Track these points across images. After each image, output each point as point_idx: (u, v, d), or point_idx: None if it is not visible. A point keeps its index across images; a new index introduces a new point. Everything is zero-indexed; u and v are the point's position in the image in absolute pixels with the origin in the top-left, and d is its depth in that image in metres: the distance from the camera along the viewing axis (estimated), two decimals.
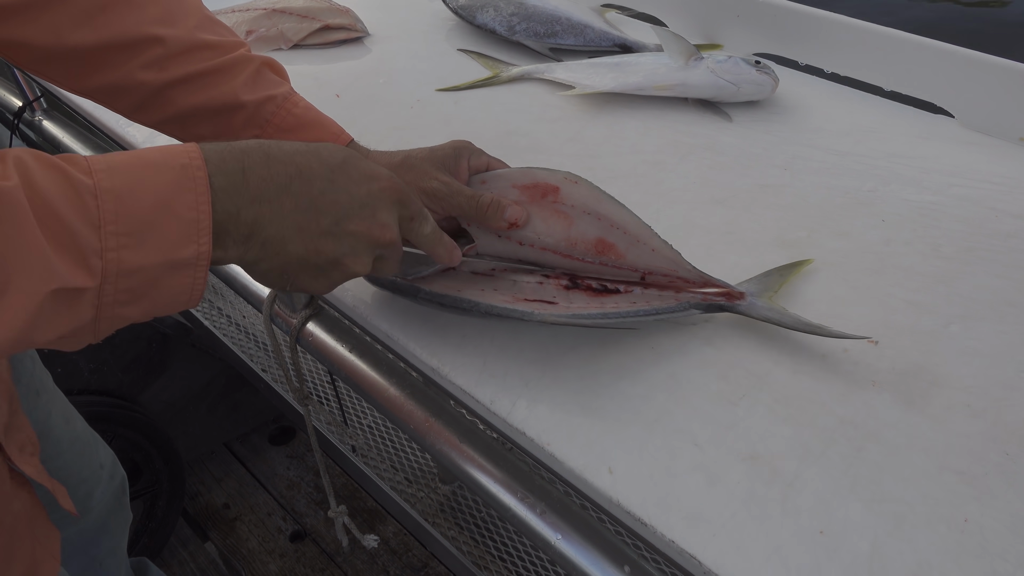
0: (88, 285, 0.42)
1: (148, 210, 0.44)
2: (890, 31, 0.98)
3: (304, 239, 0.52)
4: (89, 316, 0.43)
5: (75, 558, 1.08)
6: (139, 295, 0.45)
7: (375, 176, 0.56)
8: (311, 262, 0.53)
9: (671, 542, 0.54)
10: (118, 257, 0.43)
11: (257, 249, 0.51)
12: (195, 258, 0.46)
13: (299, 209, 0.52)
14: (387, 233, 0.56)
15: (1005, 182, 0.84)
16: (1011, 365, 0.65)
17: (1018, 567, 0.52)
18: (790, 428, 0.61)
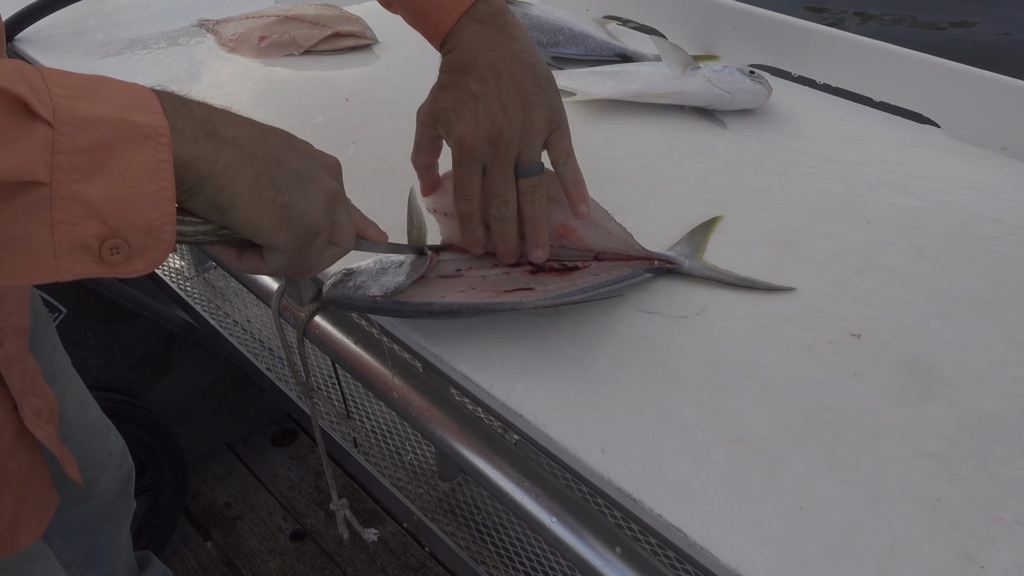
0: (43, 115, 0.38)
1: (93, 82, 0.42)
2: (881, 44, 1.02)
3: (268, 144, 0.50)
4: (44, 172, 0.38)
5: (77, 541, 1.10)
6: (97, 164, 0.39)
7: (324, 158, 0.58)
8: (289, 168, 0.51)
9: (659, 516, 0.57)
10: (69, 105, 0.39)
11: (229, 148, 0.46)
12: (152, 128, 0.41)
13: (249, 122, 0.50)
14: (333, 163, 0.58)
15: (987, 188, 0.88)
16: (986, 358, 0.68)
17: (985, 543, 0.55)
18: (774, 414, 0.64)
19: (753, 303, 0.74)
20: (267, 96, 1.11)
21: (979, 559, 0.54)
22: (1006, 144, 0.94)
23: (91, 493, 1.07)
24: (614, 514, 0.76)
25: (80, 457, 1.01)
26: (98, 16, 1.36)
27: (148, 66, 1.19)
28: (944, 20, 4.33)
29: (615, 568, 0.69)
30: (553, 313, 0.73)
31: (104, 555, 1.16)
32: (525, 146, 0.68)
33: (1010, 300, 0.74)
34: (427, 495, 1.33)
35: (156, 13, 1.38)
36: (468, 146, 0.66)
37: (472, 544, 1.25)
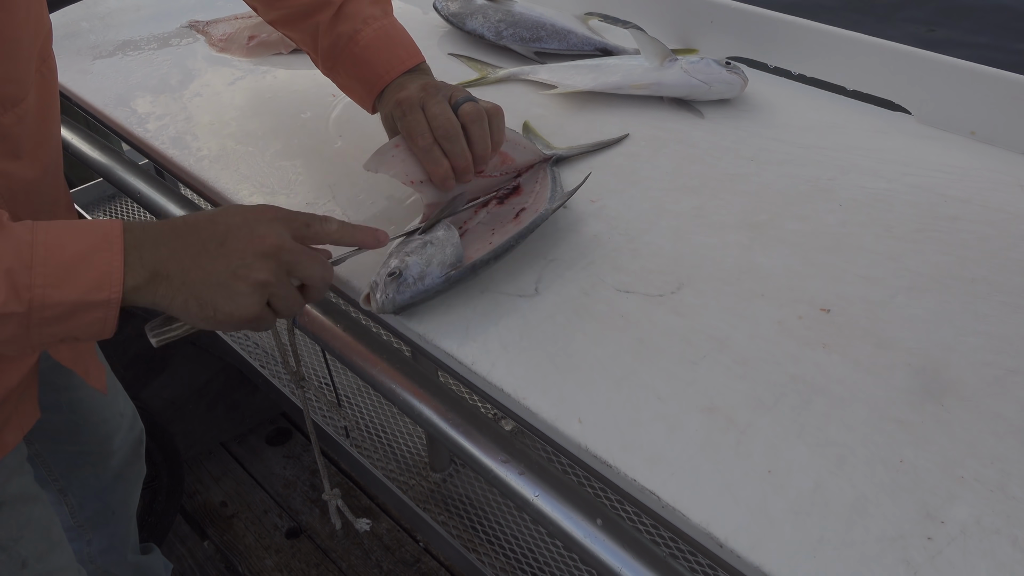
0: (17, 311, 0.56)
1: (71, 260, 0.57)
2: (853, 35, 1.05)
3: (199, 265, 0.62)
4: (22, 331, 0.57)
5: (90, 501, 1.14)
6: (59, 321, 0.58)
7: (251, 208, 0.67)
8: (212, 281, 0.62)
9: (633, 480, 0.60)
10: (44, 293, 0.56)
11: (165, 285, 0.61)
12: (106, 301, 0.58)
13: (189, 245, 0.63)
14: (267, 240, 0.64)
15: (954, 171, 0.91)
16: (950, 330, 0.71)
17: (945, 500, 0.57)
18: (745, 384, 0.66)
19: (727, 281, 0.77)
20: (257, 94, 1.14)
21: (939, 515, 0.56)
22: (974, 129, 0.97)
23: (108, 451, 1.11)
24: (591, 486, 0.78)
25: (93, 410, 1.05)
26: (90, 19, 1.39)
27: (139, 67, 1.22)
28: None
29: (596, 539, 0.70)
30: (533, 293, 0.76)
31: (115, 516, 1.19)
32: (453, 91, 0.80)
33: (974, 275, 0.76)
34: (419, 486, 1.35)
35: (147, 15, 1.40)
36: (404, 98, 0.79)
37: (464, 532, 1.27)
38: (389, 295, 0.71)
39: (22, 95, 0.72)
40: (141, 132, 1.06)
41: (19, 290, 0.55)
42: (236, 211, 0.66)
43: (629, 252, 0.80)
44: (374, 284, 0.72)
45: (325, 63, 0.90)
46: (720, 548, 0.56)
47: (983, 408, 0.64)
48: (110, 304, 0.59)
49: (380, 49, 0.86)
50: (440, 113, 0.77)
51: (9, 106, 0.71)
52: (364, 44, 0.85)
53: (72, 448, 1.08)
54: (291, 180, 0.95)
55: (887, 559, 0.54)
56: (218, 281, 0.62)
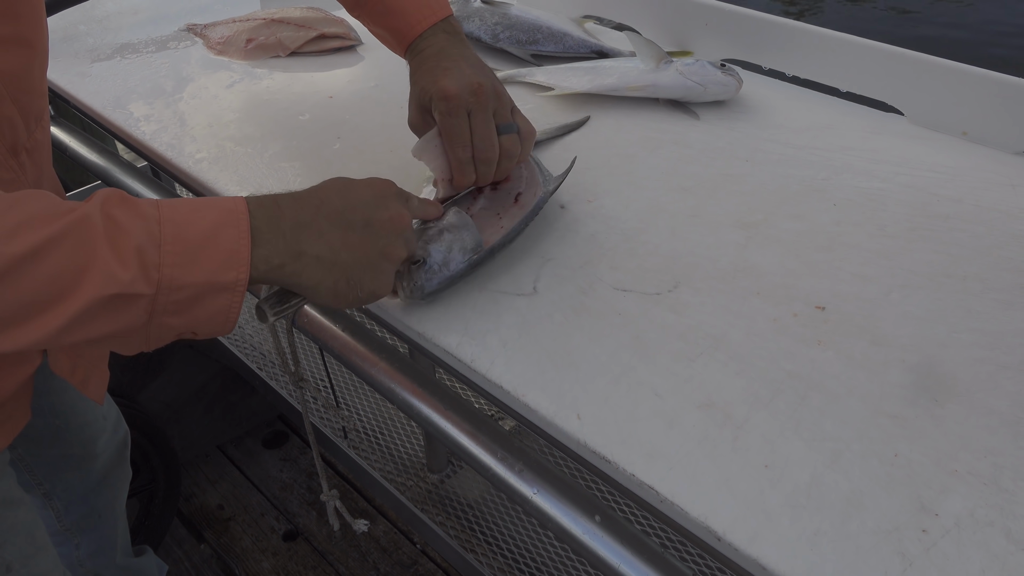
0: (146, 292, 0.52)
1: (198, 239, 0.54)
2: (846, 36, 1.06)
3: (351, 247, 0.62)
4: (143, 319, 0.53)
5: (76, 505, 1.14)
6: (184, 307, 0.54)
7: (373, 182, 0.67)
8: (366, 262, 0.63)
9: (632, 475, 0.60)
10: (172, 273, 0.52)
11: (313, 266, 0.60)
12: (233, 283, 0.55)
13: (335, 225, 0.62)
14: (404, 218, 0.67)
15: (947, 171, 0.92)
16: (944, 327, 0.72)
17: (939, 493, 0.58)
18: (742, 380, 0.67)
19: (723, 280, 0.77)
20: (255, 96, 1.14)
21: (933, 508, 0.57)
22: (966, 129, 0.98)
23: (92, 453, 1.11)
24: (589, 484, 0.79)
25: (76, 412, 1.05)
26: (88, 22, 1.39)
27: (137, 70, 1.22)
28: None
29: (595, 535, 0.71)
30: (531, 292, 0.76)
31: (102, 519, 1.19)
32: (499, 106, 0.79)
33: (966, 273, 0.77)
34: (416, 487, 1.35)
35: (145, 19, 1.41)
36: (453, 95, 0.76)
37: (461, 533, 1.28)
38: (418, 283, 0.73)
39: (45, 108, 0.74)
40: (139, 134, 1.06)
41: (148, 269, 0.52)
42: (362, 186, 0.66)
43: (626, 251, 0.81)
44: (399, 274, 0.73)
45: (353, 8, 0.89)
46: (718, 541, 0.56)
47: (976, 403, 0.64)
48: (237, 287, 0.55)
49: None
50: (485, 135, 0.78)
51: (39, 120, 0.73)
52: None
53: (55, 452, 1.08)
54: (290, 182, 0.95)
55: (883, 551, 0.54)
56: (370, 261, 0.63)
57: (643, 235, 0.83)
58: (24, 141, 0.70)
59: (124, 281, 0.51)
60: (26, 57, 0.67)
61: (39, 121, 0.73)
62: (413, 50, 0.84)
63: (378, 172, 0.95)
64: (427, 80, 0.79)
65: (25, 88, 0.68)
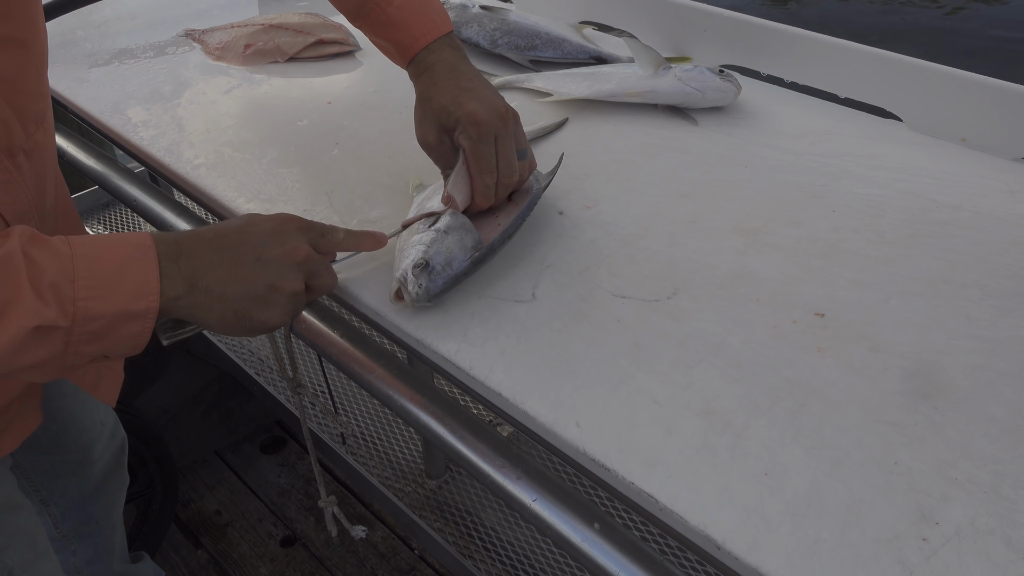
0: (63, 324, 0.55)
1: (110, 273, 0.58)
2: (845, 43, 1.06)
3: (237, 277, 0.64)
4: (60, 349, 0.56)
5: (73, 512, 1.13)
6: (98, 337, 0.58)
7: (274, 218, 0.69)
8: (252, 294, 0.64)
9: (631, 484, 0.60)
10: (86, 306, 0.56)
11: (203, 296, 0.62)
12: (144, 311, 0.59)
13: (225, 257, 0.64)
14: (300, 251, 0.68)
15: (945, 177, 0.92)
16: (943, 333, 0.71)
17: (939, 501, 0.58)
18: (741, 388, 0.67)
19: (722, 286, 0.77)
20: (253, 102, 1.14)
21: (934, 516, 0.57)
22: (964, 136, 0.98)
23: (89, 460, 1.10)
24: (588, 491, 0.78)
25: (74, 419, 1.05)
26: (86, 27, 1.39)
27: (135, 75, 1.22)
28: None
29: (594, 543, 0.71)
30: (530, 299, 0.76)
31: (99, 525, 1.18)
32: (517, 130, 0.81)
33: (965, 280, 0.77)
34: (415, 493, 1.35)
35: (143, 24, 1.41)
36: (483, 121, 0.78)
37: (460, 539, 1.28)
38: (422, 285, 0.73)
39: (47, 109, 0.74)
40: (137, 140, 1.06)
41: (63, 303, 0.55)
42: (263, 221, 0.68)
43: (625, 258, 0.81)
44: (402, 279, 0.73)
45: (354, 19, 0.89)
46: (718, 550, 0.56)
47: (976, 410, 0.64)
48: (148, 315, 0.59)
49: (414, 11, 0.84)
50: (511, 163, 0.80)
51: (39, 122, 0.72)
52: (399, 4, 0.84)
53: (52, 458, 1.07)
54: (288, 187, 0.95)
55: (883, 560, 0.54)
56: (257, 293, 0.65)
57: (642, 241, 0.83)
58: (22, 143, 0.70)
59: (45, 315, 0.54)
60: (21, 58, 0.67)
61: (40, 123, 0.73)
62: (418, 63, 0.85)
63: (376, 176, 0.95)
64: (448, 100, 0.79)
65: (20, 89, 0.68)
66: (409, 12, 0.84)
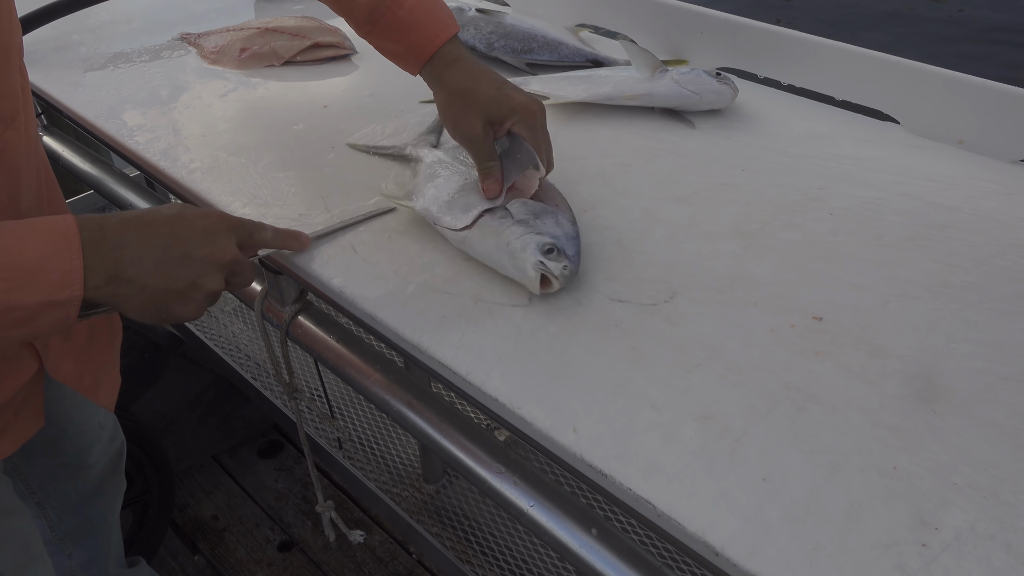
0: None
1: (32, 264, 0.58)
2: (842, 45, 1.06)
3: (161, 271, 0.64)
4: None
5: (69, 515, 1.13)
6: (22, 323, 0.59)
7: (207, 215, 0.69)
8: (173, 289, 0.65)
9: (628, 490, 0.60)
10: (7, 297, 0.57)
11: (125, 286, 0.63)
12: (68, 300, 0.59)
13: (152, 249, 0.64)
14: (227, 253, 0.69)
15: (943, 180, 0.91)
16: (941, 337, 0.71)
17: (939, 506, 0.57)
18: (739, 392, 0.66)
19: (719, 290, 0.77)
20: (249, 106, 1.14)
21: (933, 521, 0.56)
22: (962, 138, 0.98)
23: (86, 463, 1.10)
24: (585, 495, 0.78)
25: (72, 422, 1.04)
26: (81, 31, 1.38)
27: (131, 79, 1.21)
28: None
29: (591, 549, 0.70)
30: (527, 303, 0.76)
31: (95, 529, 1.18)
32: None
33: (964, 283, 0.77)
34: (412, 497, 1.34)
35: (139, 28, 1.40)
36: (537, 111, 0.83)
37: (458, 544, 1.27)
38: (566, 266, 0.74)
39: (17, 109, 0.72)
40: (132, 144, 1.05)
41: None
42: (196, 217, 0.68)
43: (622, 261, 0.81)
44: (539, 267, 0.74)
45: (362, 27, 0.89)
46: (716, 557, 0.56)
47: (975, 414, 0.64)
48: (71, 303, 0.60)
49: (426, 12, 0.85)
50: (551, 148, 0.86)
51: (9, 121, 0.71)
52: (409, 7, 0.84)
53: (49, 461, 1.07)
54: (284, 191, 0.95)
55: (883, 566, 0.54)
56: (178, 289, 0.66)
57: (639, 245, 0.83)
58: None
59: None
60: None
61: (10, 123, 0.71)
62: (438, 62, 0.85)
63: (373, 181, 0.95)
64: (494, 92, 0.83)
65: None
66: (421, 13, 0.85)
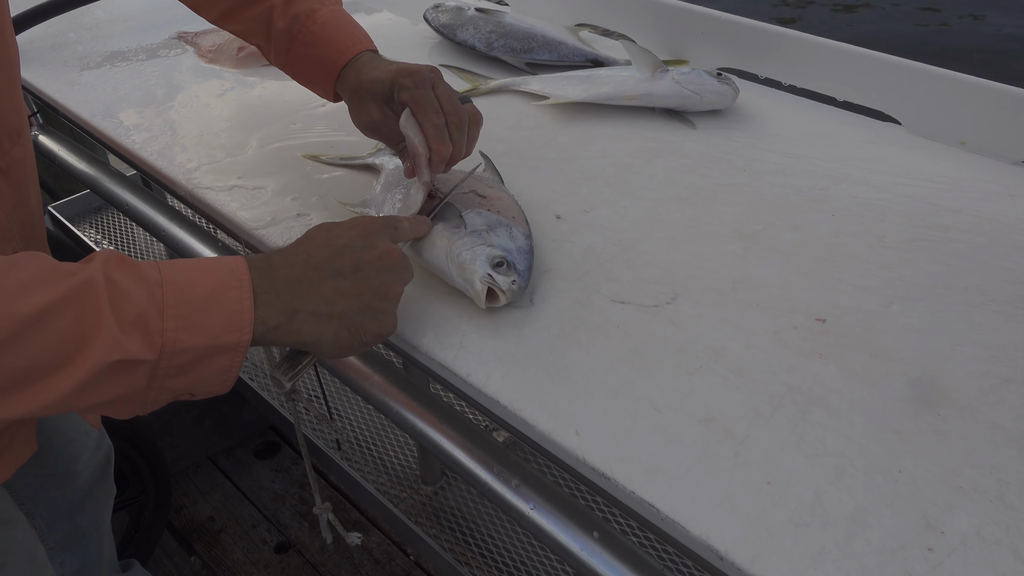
0: (149, 358, 0.51)
1: (201, 302, 0.54)
2: (843, 46, 1.06)
3: (343, 292, 0.61)
4: (143, 384, 0.52)
5: (59, 523, 1.11)
6: (186, 370, 0.53)
7: (356, 223, 0.66)
8: (361, 305, 0.62)
9: (631, 493, 0.59)
10: (175, 337, 0.52)
11: (309, 320, 0.59)
12: (236, 344, 0.55)
13: (325, 276, 0.61)
14: (393, 252, 0.66)
15: (945, 181, 0.91)
16: (945, 339, 0.71)
17: (944, 510, 0.57)
18: (742, 395, 0.66)
19: (722, 291, 0.76)
20: (246, 105, 1.13)
21: (939, 525, 0.56)
22: (964, 139, 0.98)
23: (74, 472, 1.09)
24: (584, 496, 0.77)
25: (59, 431, 1.03)
26: (77, 30, 1.37)
27: (127, 78, 1.21)
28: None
29: (593, 552, 0.70)
30: (528, 305, 0.75)
31: (86, 537, 1.17)
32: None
33: (967, 284, 0.76)
34: (410, 499, 1.33)
35: (135, 26, 1.39)
36: (414, 71, 0.77)
37: (456, 546, 1.26)
38: (515, 280, 0.73)
39: (23, 124, 0.72)
40: (129, 143, 1.05)
41: (151, 335, 0.51)
42: (345, 229, 0.65)
43: (623, 262, 0.80)
44: (486, 280, 0.72)
45: (279, 48, 0.87)
46: (720, 561, 0.55)
47: (980, 417, 0.63)
48: (239, 348, 0.55)
49: (339, 27, 0.84)
50: (453, 100, 0.77)
51: (16, 137, 0.70)
52: (322, 22, 0.84)
53: (38, 471, 1.05)
54: (281, 190, 0.94)
55: (888, 571, 0.53)
56: (366, 304, 0.62)
57: (640, 246, 0.82)
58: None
59: (128, 348, 0.50)
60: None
61: (16, 139, 0.71)
62: (350, 73, 0.83)
63: (370, 180, 0.94)
64: (379, 72, 0.79)
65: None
66: (333, 28, 0.84)
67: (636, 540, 0.88)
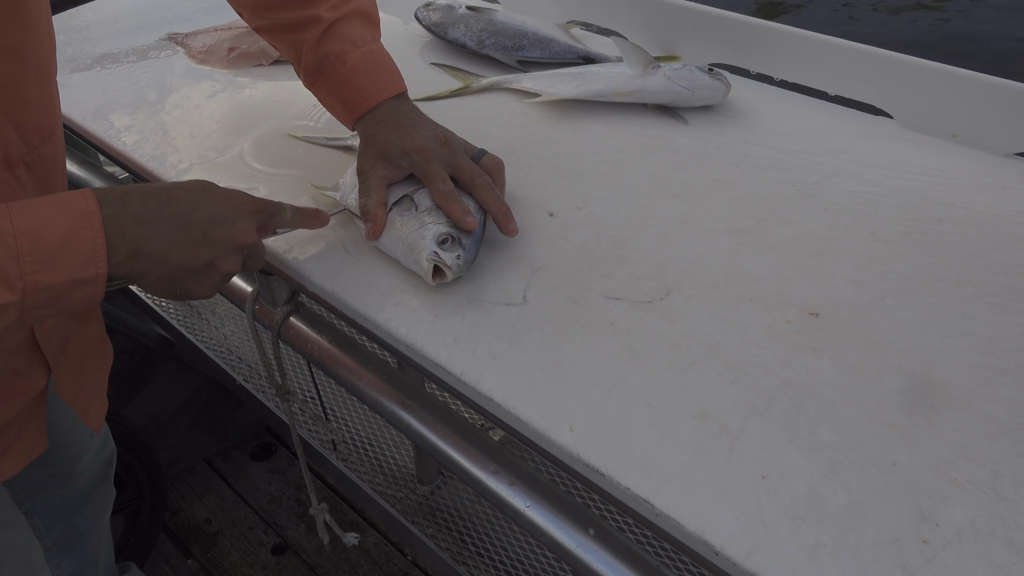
0: (13, 300, 0.57)
1: (55, 245, 0.58)
2: (833, 40, 1.05)
3: (182, 249, 0.65)
4: (15, 319, 0.59)
5: (57, 524, 1.11)
6: (52, 302, 0.60)
7: (231, 196, 0.70)
8: (191, 267, 0.66)
9: (626, 489, 0.59)
10: (34, 279, 0.58)
11: (144, 262, 0.64)
12: (94, 276, 0.61)
13: (174, 226, 0.65)
14: (247, 237, 0.70)
15: (937, 174, 0.91)
16: (939, 332, 0.71)
17: (939, 502, 0.57)
18: (737, 389, 0.66)
19: (715, 287, 0.76)
20: (237, 106, 1.13)
21: (934, 518, 0.56)
22: (956, 132, 0.98)
23: (73, 473, 1.08)
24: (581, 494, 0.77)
25: (62, 432, 1.03)
26: (67, 32, 1.37)
27: (118, 80, 1.20)
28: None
29: (589, 549, 0.70)
30: (521, 302, 0.75)
31: (84, 538, 1.16)
32: (466, 146, 0.84)
33: (960, 277, 0.76)
34: (407, 499, 1.33)
35: (125, 28, 1.39)
36: (426, 148, 0.81)
37: (453, 545, 1.26)
38: (460, 256, 0.75)
39: (55, 123, 0.72)
40: (120, 145, 1.04)
41: (11, 280, 0.57)
42: (220, 199, 0.69)
43: (616, 259, 0.80)
44: (432, 258, 0.74)
45: (308, 78, 0.90)
46: (716, 556, 0.55)
47: (974, 409, 0.64)
48: (98, 279, 0.61)
49: (366, 73, 0.86)
50: (467, 166, 0.82)
51: (46, 135, 0.71)
52: (351, 66, 0.85)
53: (37, 471, 1.05)
54: (273, 191, 0.94)
55: (884, 563, 0.53)
56: (196, 268, 0.67)
57: (633, 242, 0.82)
58: (23, 154, 0.69)
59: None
60: (14, 67, 0.66)
61: (48, 136, 0.71)
62: (370, 119, 0.85)
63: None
64: (393, 135, 0.82)
65: (17, 100, 0.67)
66: (361, 75, 0.86)
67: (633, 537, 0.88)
